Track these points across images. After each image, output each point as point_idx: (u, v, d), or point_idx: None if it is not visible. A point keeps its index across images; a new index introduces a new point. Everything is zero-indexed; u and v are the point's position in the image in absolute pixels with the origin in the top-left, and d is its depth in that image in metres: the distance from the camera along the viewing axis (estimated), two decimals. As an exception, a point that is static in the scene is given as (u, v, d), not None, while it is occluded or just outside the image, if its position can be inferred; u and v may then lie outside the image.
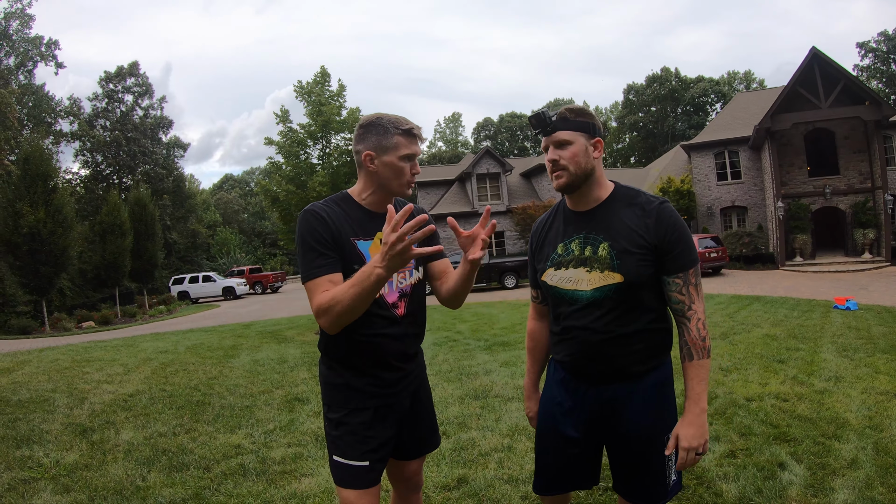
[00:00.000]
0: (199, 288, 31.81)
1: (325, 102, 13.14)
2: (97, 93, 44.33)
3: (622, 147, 69.04)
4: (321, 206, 1.97)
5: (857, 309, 10.37)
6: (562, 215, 2.06)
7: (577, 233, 1.96)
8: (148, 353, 9.74)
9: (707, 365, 1.86)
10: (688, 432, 1.83)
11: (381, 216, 2.01)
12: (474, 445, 4.16)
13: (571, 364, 2.00)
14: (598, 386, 1.94)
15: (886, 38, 48.14)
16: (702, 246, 20.82)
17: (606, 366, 1.91)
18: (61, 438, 4.78)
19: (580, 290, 1.91)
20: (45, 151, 22.47)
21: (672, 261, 1.85)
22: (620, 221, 1.89)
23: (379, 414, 2.00)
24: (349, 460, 1.94)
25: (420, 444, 2.20)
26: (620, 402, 1.92)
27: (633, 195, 1.96)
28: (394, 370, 2.03)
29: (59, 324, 20.45)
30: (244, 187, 74.31)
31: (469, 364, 7.24)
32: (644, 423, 1.90)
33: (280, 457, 4.12)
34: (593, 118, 1.95)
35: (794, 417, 4.42)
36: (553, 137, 1.91)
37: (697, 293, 1.87)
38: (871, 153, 22.02)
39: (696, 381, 1.84)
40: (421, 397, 2.18)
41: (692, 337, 1.85)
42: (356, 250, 1.95)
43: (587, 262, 1.90)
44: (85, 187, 43.29)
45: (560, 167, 1.90)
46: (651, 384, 1.92)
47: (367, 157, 1.97)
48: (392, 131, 1.95)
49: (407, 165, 1.98)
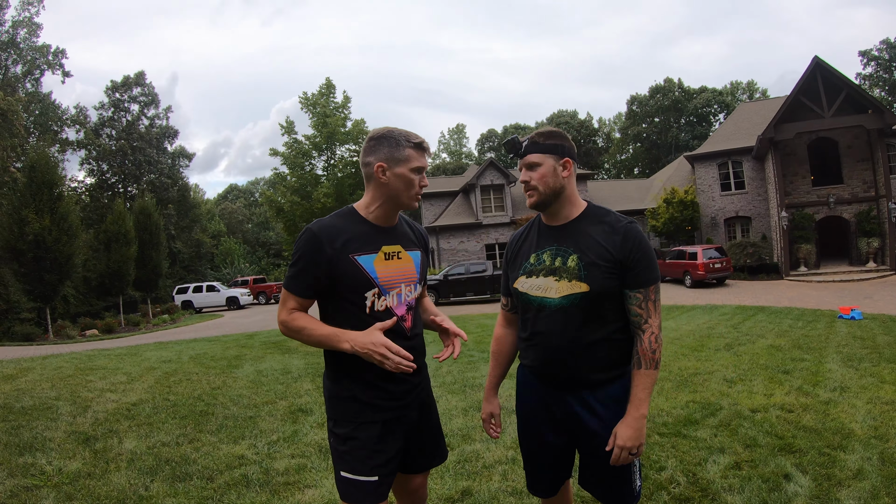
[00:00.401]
0: (202, 297, 31.87)
1: (330, 114, 13.21)
2: (103, 102, 44.76)
3: (626, 158, 69.06)
4: (321, 225, 2.00)
5: (861, 318, 10.33)
6: (536, 229, 2.21)
7: (549, 245, 2.10)
8: (151, 362, 9.73)
9: (654, 375, 1.99)
10: (625, 433, 1.96)
11: (386, 230, 2.09)
12: (478, 457, 4.14)
13: (538, 369, 2.13)
14: (564, 391, 2.07)
15: (889, 45, 48.12)
16: (706, 257, 20.79)
17: (570, 372, 2.03)
18: (64, 446, 4.77)
19: (548, 298, 2.03)
20: (50, 159, 22.69)
21: (634, 276, 1.98)
22: (590, 236, 2.03)
23: (388, 428, 2.01)
24: (358, 476, 1.94)
25: (427, 457, 2.20)
26: (584, 408, 2.04)
27: (602, 214, 2.10)
28: (402, 382, 2.04)
29: (62, 331, 20.53)
30: (248, 197, 74.57)
31: (473, 376, 7.21)
32: (607, 430, 2.01)
33: (284, 468, 4.11)
34: (563, 139, 2.09)
35: (799, 428, 4.40)
36: (525, 160, 2.09)
37: (655, 309, 2.02)
38: (874, 162, 22.02)
39: (640, 388, 1.98)
40: (428, 410, 2.20)
41: (643, 348, 1.99)
42: (356, 266, 1.97)
43: (557, 271, 2.03)
44: (90, 196, 43.59)
45: (530, 187, 2.07)
46: (617, 391, 2.04)
47: (379, 168, 2.02)
48: (404, 144, 2.02)
49: (417, 178, 2.04)
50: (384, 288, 2.01)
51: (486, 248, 31.69)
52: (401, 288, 2.06)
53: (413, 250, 2.16)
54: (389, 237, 2.09)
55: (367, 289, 1.99)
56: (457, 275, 22.28)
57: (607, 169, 69.62)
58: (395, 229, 2.13)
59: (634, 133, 64.40)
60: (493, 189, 32.07)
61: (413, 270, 2.13)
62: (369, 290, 1.99)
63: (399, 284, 2.06)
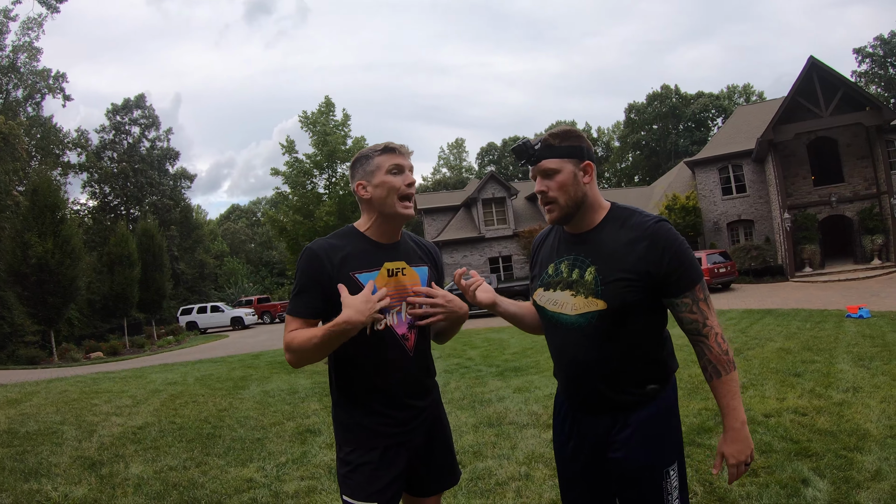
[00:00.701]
0: (207, 318, 31.88)
1: (330, 132, 13.25)
2: (104, 125, 45.03)
3: (626, 166, 69.21)
4: (320, 245, 1.96)
5: (870, 317, 10.25)
6: (557, 234, 2.01)
7: (567, 254, 1.90)
8: (157, 384, 9.70)
9: (735, 378, 1.78)
10: (732, 449, 1.77)
11: (386, 247, 2.02)
12: (491, 475, 4.08)
13: (564, 391, 1.98)
14: (592, 416, 1.88)
15: (883, 42, 48.27)
16: (710, 262, 20.74)
17: (592, 395, 1.84)
18: (70, 472, 4.73)
19: (564, 314, 1.85)
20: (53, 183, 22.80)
21: (675, 283, 1.75)
22: (611, 245, 1.80)
23: (389, 453, 1.95)
24: (357, 501, 1.90)
25: (437, 480, 2.13)
26: (612, 434, 1.84)
27: (626, 216, 1.86)
28: (405, 408, 1.97)
29: (67, 354, 20.51)
30: (251, 217, 74.71)
31: (482, 391, 7.15)
32: (637, 456, 1.79)
33: (293, 490, 4.05)
34: (581, 140, 1.86)
35: (814, 431, 4.34)
36: (539, 167, 1.85)
37: (709, 307, 1.79)
38: (874, 158, 21.99)
39: (728, 398, 1.77)
40: (437, 433, 2.11)
41: (714, 353, 1.76)
42: (357, 284, 1.91)
43: (573, 285, 1.83)
44: (93, 218, 43.73)
45: (549, 199, 1.84)
46: (644, 416, 1.81)
47: (360, 186, 1.99)
48: (371, 155, 1.98)
49: (397, 178, 1.95)
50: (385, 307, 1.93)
51: (490, 261, 31.66)
52: (402, 306, 1.98)
53: (420, 266, 2.08)
54: (392, 253, 2.02)
55: None
56: (461, 288, 22.25)
57: (608, 178, 69.70)
58: (399, 245, 2.06)
59: (633, 141, 64.58)
60: (495, 202, 32.10)
61: (418, 286, 2.03)
62: None
63: (401, 302, 1.97)
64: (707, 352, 1.78)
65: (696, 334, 1.79)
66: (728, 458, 1.78)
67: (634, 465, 1.79)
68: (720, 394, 1.78)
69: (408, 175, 1.98)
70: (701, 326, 1.77)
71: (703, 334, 1.77)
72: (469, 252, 31.53)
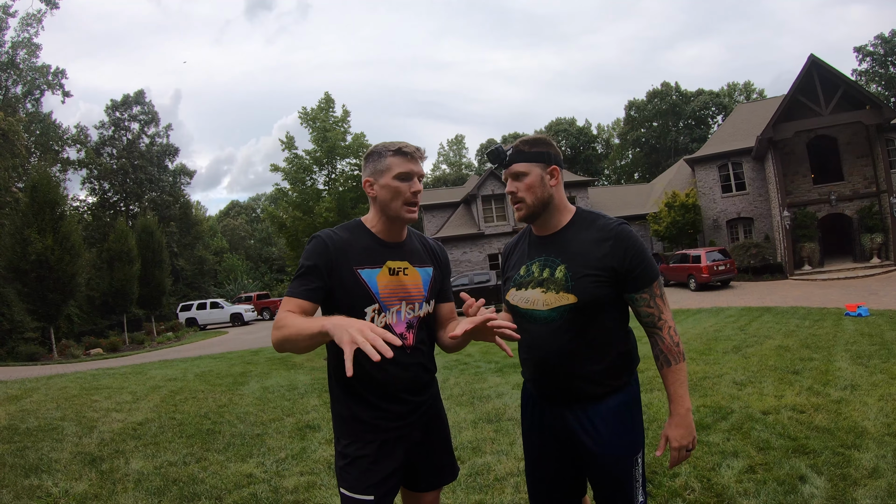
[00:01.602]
0: (206, 314, 31.85)
1: (329, 128, 13.22)
2: (104, 121, 44.94)
3: (625, 164, 69.14)
4: (328, 234, 1.99)
5: (868, 315, 10.27)
6: (527, 239, 2.14)
7: (538, 256, 2.03)
8: (157, 380, 9.70)
9: (684, 368, 1.94)
10: (676, 433, 1.93)
11: (390, 245, 2.04)
12: (490, 470, 4.10)
13: (534, 384, 2.09)
14: (561, 407, 2.00)
15: (883, 40, 48.20)
16: (709, 259, 20.73)
17: (563, 386, 1.97)
18: (70, 467, 4.74)
19: (537, 310, 1.97)
20: (52, 179, 22.76)
21: (635, 279, 1.91)
22: (578, 245, 1.95)
23: (385, 447, 1.97)
24: (354, 494, 1.92)
25: (435, 475, 2.15)
26: (581, 423, 1.96)
27: (592, 219, 2.01)
28: (402, 403, 1.99)
29: (67, 350, 20.51)
30: (250, 213, 74.67)
31: (481, 387, 7.17)
32: (606, 445, 1.93)
33: (293, 486, 4.07)
34: (549, 147, 2.02)
35: (811, 429, 4.36)
36: (510, 170, 2.01)
37: (664, 303, 1.96)
38: (874, 157, 21.98)
39: (676, 385, 1.93)
40: (435, 429, 2.13)
41: (666, 344, 1.94)
42: (358, 279, 1.93)
43: (544, 283, 1.96)
44: (92, 214, 43.69)
45: (518, 199, 2.00)
46: (612, 406, 1.95)
47: (367, 183, 2.03)
48: (384, 154, 1.99)
49: (404, 185, 1.98)
50: (384, 304, 1.96)
51: (489, 257, 31.66)
52: (401, 305, 2.00)
53: (423, 266, 2.10)
54: (396, 252, 2.04)
55: (367, 304, 1.94)
56: (460, 286, 22.28)
57: (607, 175, 69.68)
58: (404, 245, 2.08)
59: (633, 138, 64.50)
60: (495, 199, 32.08)
61: (420, 287, 2.05)
62: (369, 305, 1.94)
63: (400, 302, 1.99)
64: (660, 342, 1.95)
65: (651, 326, 1.97)
66: (671, 441, 1.94)
67: (606, 454, 1.93)
68: (669, 381, 1.95)
69: (415, 182, 2.00)
70: (656, 320, 1.95)
71: (658, 327, 1.95)
72: (468, 249, 31.54)
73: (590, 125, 70.64)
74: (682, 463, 1.98)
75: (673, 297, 19.29)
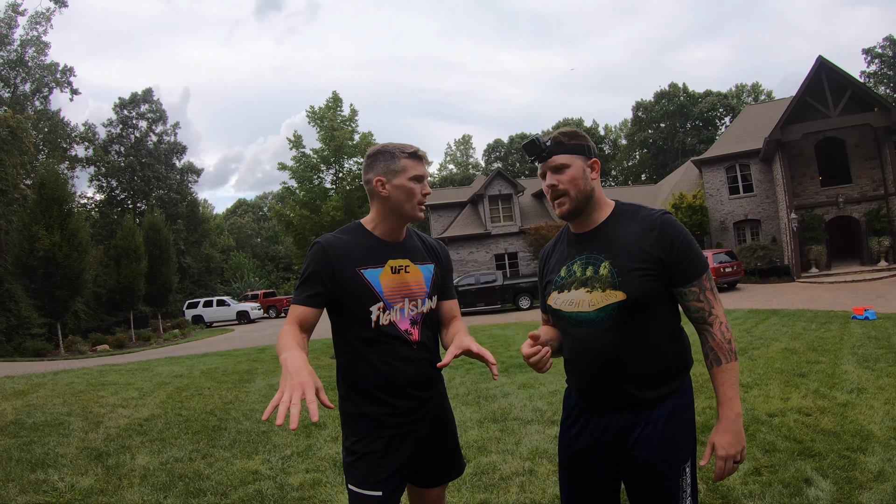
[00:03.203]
0: (213, 312, 31.94)
1: (337, 127, 13.23)
2: (111, 119, 45.15)
3: (633, 164, 68.95)
4: (328, 239, 2.04)
5: (875, 318, 10.22)
6: (566, 239, 2.04)
7: (579, 254, 1.92)
8: (163, 377, 9.74)
9: (736, 368, 1.80)
10: (724, 440, 1.78)
11: (392, 245, 2.09)
12: (495, 469, 4.10)
13: (581, 391, 1.94)
14: (610, 414, 1.86)
15: (892, 42, 47.81)
16: (716, 261, 20.66)
17: (613, 392, 1.83)
18: (76, 462, 4.77)
19: (582, 312, 1.85)
20: (60, 176, 22.91)
21: (683, 271, 1.79)
22: (622, 238, 1.84)
23: (394, 443, 2.00)
24: (363, 490, 1.94)
25: (441, 472, 2.18)
26: (631, 431, 1.82)
27: (633, 211, 1.92)
28: (409, 398, 2.02)
29: (73, 346, 20.62)
30: (257, 212, 74.84)
31: (486, 387, 7.17)
32: (657, 454, 1.79)
33: (298, 483, 4.08)
34: (587, 139, 1.94)
35: (817, 432, 4.35)
36: (550, 162, 1.90)
37: (714, 297, 1.83)
38: (882, 160, 21.87)
39: (727, 386, 1.79)
40: (441, 425, 2.16)
41: (717, 341, 1.80)
42: (362, 279, 1.99)
43: (588, 282, 1.85)
44: (100, 212, 43.94)
45: (560, 192, 1.88)
46: (665, 412, 1.81)
47: (379, 182, 2.05)
48: (399, 155, 2.04)
49: (417, 186, 2.05)
50: (388, 302, 2.01)
51: (496, 257, 31.67)
52: (405, 303, 2.04)
53: (424, 264, 2.14)
54: (397, 251, 2.09)
55: (372, 302, 1.98)
56: (467, 285, 22.26)
57: (615, 176, 69.51)
58: (404, 243, 2.13)
59: (641, 139, 64.35)
60: (502, 199, 32.07)
61: (422, 284, 2.10)
62: (374, 303, 1.99)
63: (403, 299, 2.04)
64: (710, 339, 1.81)
65: (701, 322, 1.83)
66: (718, 450, 1.78)
67: (655, 462, 1.79)
68: (719, 382, 1.80)
69: (425, 185, 2.08)
70: (707, 315, 1.81)
71: (709, 322, 1.81)
72: (475, 249, 31.53)
73: (597, 126, 70.59)
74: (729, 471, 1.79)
75: (679, 299, 19.23)
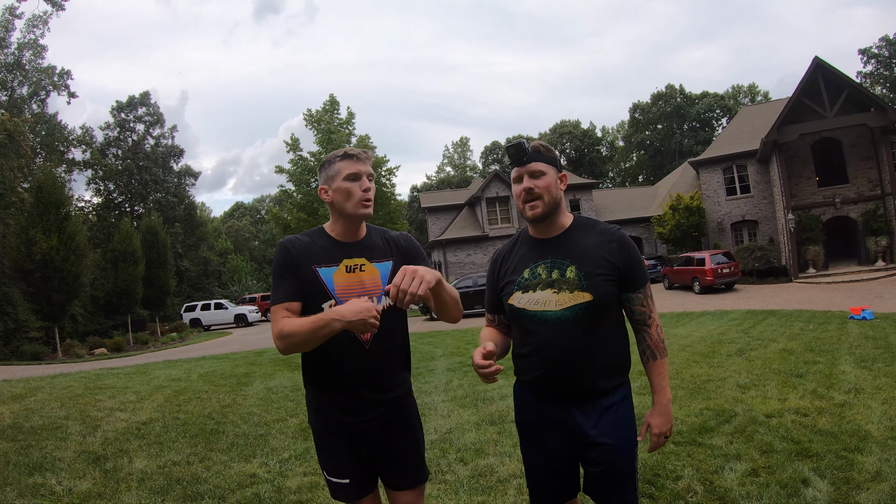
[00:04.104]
0: (210, 315, 31.91)
1: (334, 130, 13.25)
2: (109, 122, 45.05)
3: (630, 166, 69.07)
4: (289, 239, 2.17)
5: (873, 318, 10.24)
6: (525, 243, 2.20)
7: (543, 258, 2.10)
8: (161, 380, 9.72)
9: (666, 362, 2.12)
10: (658, 421, 2.10)
11: (346, 245, 2.15)
12: (492, 472, 4.10)
13: (542, 385, 2.10)
14: (567, 405, 2.05)
15: (888, 43, 47.83)
16: (714, 262, 20.67)
17: (575, 384, 2.03)
18: (74, 466, 4.76)
19: (548, 311, 2.02)
20: (57, 179, 22.87)
21: (634, 279, 2.06)
22: (584, 246, 2.06)
23: (350, 440, 2.10)
24: (331, 477, 2.13)
25: (400, 476, 2.18)
26: (588, 418, 2.03)
27: (592, 224, 2.15)
28: (360, 399, 2.08)
29: (71, 350, 20.58)
30: (255, 215, 74.78)
31: (484, 389, 7.15)
32: (615, 436, 2.02)
33: (296, 486, 4.08)
34: (557, 155, 2.19)
35: (815, 432, 4.35)
36: (529, 167, 2.07)
37: (653, 303, 2.14)
38: (879, 160, 21.95)
39: (660, 378, 2.10)
40: (399, 429, 2.16)
41: (654, 340, 2.10)
42: (316, 277, 2.07)
43: (555, 284, 2.03)
44: (97, 215, 43.82)
45: (535, 196, 2.06)
46: (618, 401, 2.07)
47: (322, 190, 2.19)
48: (333, 160, 2.13)
49: (354, 185, 2.10)
50: (340, 300, 2.05)
51: (493, 259, 31.64)
52: None
53: (382, 261, 2.17)
54: (353, 250, 2.14)
55: (324, 300, 2.06)
56: (465, 287, 22.21)
57: (612, 177, 69.59)
58: (362, 242, 2.18)
59: (638, 141, 64.43)
60: (499, 201, 32.11)
61: (376, 282, 2.13)
62: (326, 301, 2.06)
63: (358, 297, 2.04)
64: (648, 339, 2.11)
65: (642, 324, 2.12)
66: (653, 428, 2.10)
67: (617, 445, 2.02)
68: (654, 374, 2.11)
69: (364, 181, 2.11)
70: (647, 318, 2.11)
71: (648, 324, 2.11)
72: (472, 251, 31.55)
73: (594, 127, 70.52)
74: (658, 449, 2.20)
75: (677, 300, 19.28)
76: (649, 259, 28.14)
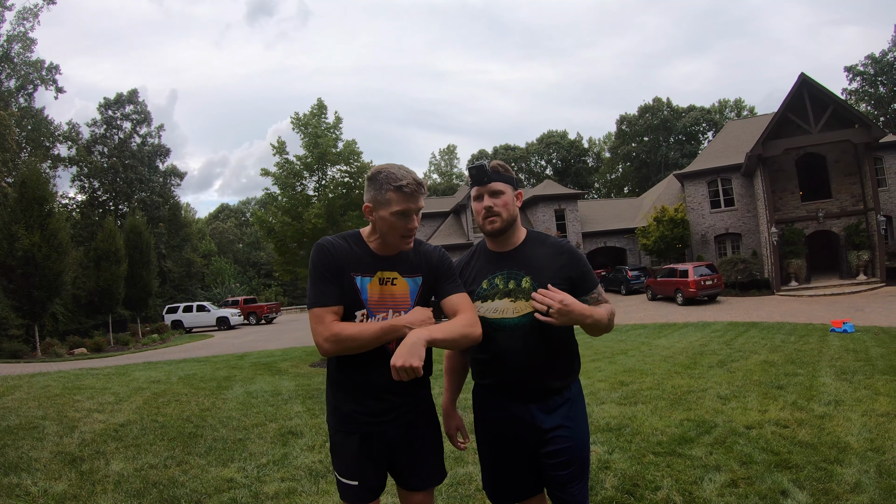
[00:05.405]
0: (192, 317, 31.61)
1: (321, 134, 13.14)
2: (96, 119, 44.59)
3: (615, 177, 69.55)
4: (330, 241, 2.12)
5: (854, 331, 10.36)
6: (483, 256, 2.38)
7: (500, 270, 2.27)
8: (140, 382, 9.60)
9: (604, 316, 2.20)
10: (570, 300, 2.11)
11: (383, 258, 2.14)
12: (471, 480, 4.08)
13: (502, 386, 2.26)
14: (525, 403, 2.21)
15: (873, 60, 48.65)
16: (697, 274, 20.81)
17: (533, 383, 2.20)
18: (50, 467, 4.67)
19: (507, 318, 2.21)
20: (42, 175, 22.52)
21: (585, 283, 2.25)
22: (538, 258, 2.25)
23: (367, 441, 2.10)
24: (343, 479, 2.12)
25: (418, 477, 2.20)
26: (544, 413, 2.19)
27: (543, 238, 2.35)
28: (381, 400, 2.10)
29: (50, 349, 20.27)
30: (240, 217, 74.35)
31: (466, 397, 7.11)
32: (569, 431, 2.18)
33: (273, 492, 4.04)
34: (514, 174, 2.33)
35: (794, 444, 4.38)
36: (489, 187, 2.24)
37: (606, 297, 2.33)
38: (862, 175, 22.26)
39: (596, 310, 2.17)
40: (418, 431, 2.20)
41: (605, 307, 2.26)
42: (354, 285, 2.07)
43: (511, 293, 2.22)
44: (81, 213, 43.21)
45: (494, 213, 2.23)
46: (571, 397, 2.25)
47: (367, 208, 2.12)
48: (385, 187, 2.05)
49: (400, 221, 2.05)
50: (371, 311, 2.08)
51: (479, 266, 31.62)
52: (388, 313, 2.10)
53: (412, 276, 2.18)
54: (387, 263, 2.14)
55: (357, 308, 2.07)
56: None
57: (597, 188, 70.07)
58: (395, 256, 2.17)
59: (624, 152, 64.92)
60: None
61: (406, 296, 2.15)
62: (359, 310, 2.07)
63: (387, 310, 2.10)
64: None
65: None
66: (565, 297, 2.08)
67: (574, 436, 2.19)
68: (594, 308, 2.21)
69: (412, 219, 2.08)
70: (604, 303, 2.29)
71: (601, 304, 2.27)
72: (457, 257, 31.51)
73: (581, 138, 71.10)
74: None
75: (660, 311, 19.38)
76: (633, 270, 28.24)
